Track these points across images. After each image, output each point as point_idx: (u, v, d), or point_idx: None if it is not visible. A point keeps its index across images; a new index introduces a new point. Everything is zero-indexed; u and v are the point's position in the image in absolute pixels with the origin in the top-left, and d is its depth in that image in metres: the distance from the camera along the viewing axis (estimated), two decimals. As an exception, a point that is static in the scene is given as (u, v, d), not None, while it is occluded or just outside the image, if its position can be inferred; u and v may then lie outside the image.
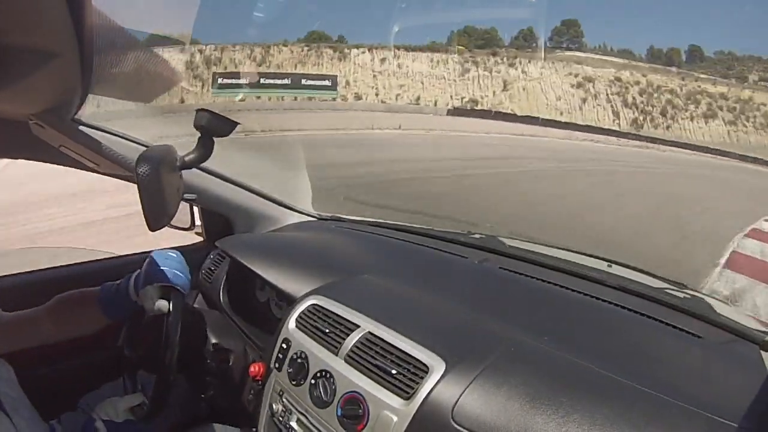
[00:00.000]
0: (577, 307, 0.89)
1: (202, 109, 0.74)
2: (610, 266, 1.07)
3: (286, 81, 25.24)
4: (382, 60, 29.27)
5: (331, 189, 5.48)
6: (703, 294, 0.97)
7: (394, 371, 0.70)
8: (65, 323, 0.91)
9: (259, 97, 24.53)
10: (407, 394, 0.66)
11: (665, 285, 0.98)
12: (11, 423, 0.71)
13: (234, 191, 1.34)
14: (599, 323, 0.84)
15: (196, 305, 1.31)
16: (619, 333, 0.80)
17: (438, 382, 0.65)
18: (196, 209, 1.37)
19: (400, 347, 0.73)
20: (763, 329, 0.81)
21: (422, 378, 0.67)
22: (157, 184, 0.64)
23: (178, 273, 0.92)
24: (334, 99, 25.92)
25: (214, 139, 0.75)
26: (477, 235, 1.30)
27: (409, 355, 0.71)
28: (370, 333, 0.78)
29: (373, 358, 0.73)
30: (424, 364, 0.68)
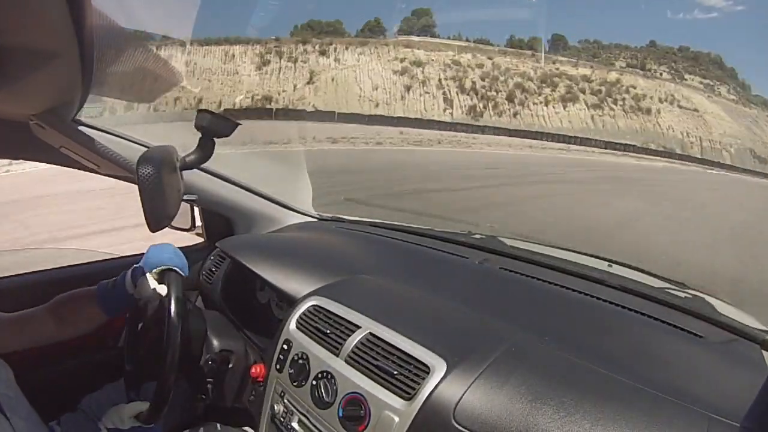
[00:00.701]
0: (577, 307, 0.88)
1: (203, 110, 0.74)
2: (611, 266, 1.07)
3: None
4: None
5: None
6: (704, 294, 0.97)
7: (395, 372, 0.70)
8: (66, 322, 0.92)
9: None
10: (408, 395, 0.66)
11: (666, 285, 0.98)
12: (9, 424, 0.71)
13: (234, 192, 1.34)
14: (600, 323, 0.84)
15: (197, 304, 1.31)
16: (620, 333, 0.80)
17: (439, 383, 0.65)
18: (196, 210, 1.37)
19: (401, 348, 0.73)
20: (764, 328, 0.81)
21: (423, 378, 0.67)
22: (158, 185, 0.64)
23: (174, 258, 0.92)
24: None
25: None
26: (477, 236, 1.30)
27: (410, 356, 0.71)
28: (370, 333, 0.78)
29: (374, 358, 0.73)
30: (425, 365, 0.68)
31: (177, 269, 0.90)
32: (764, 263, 6.12)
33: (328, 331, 0.82)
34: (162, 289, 0.87)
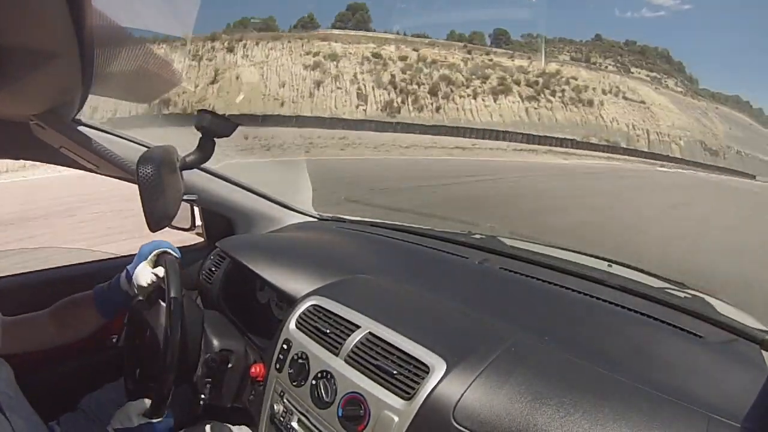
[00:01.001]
0: (577, 307, 0.88)
1: (203, 110, 0.74)
2: (611, 266, 1.07)
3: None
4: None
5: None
6: (704, 293, 0.97)
7: (394, 371, 0.70)
8: (65, 326, 0.93)
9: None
10: (408, 395, 0.66)
11: (666, 285, 0.98)
12: (8, 423, 0.71)
13: (234, 192, 1.34)
14: (600, 323, 0.84)
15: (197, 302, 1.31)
16: (620, 333, 0.80)
17: (439, 382, 0.65)
18: (196, 210, 1.37)
19: (400, 347, 0.73)
20: (764, 328, 0.81)
21: (423, 378, 0.67)
22: (158, 185, 0.64)
23: (168, 247, 0.94)
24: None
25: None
26: (477, 236, 1.30)
27: (410, 355, 0.71)
28: (370, 333, 0.78)
29: (374, 358, 0.73)
30: (425, 364, 0.68)
31: (171, 251, 0.91)
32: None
33: (328, 331, 0.82)
34: (159, 271, 0.88)
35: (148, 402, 0.83)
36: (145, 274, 0.92)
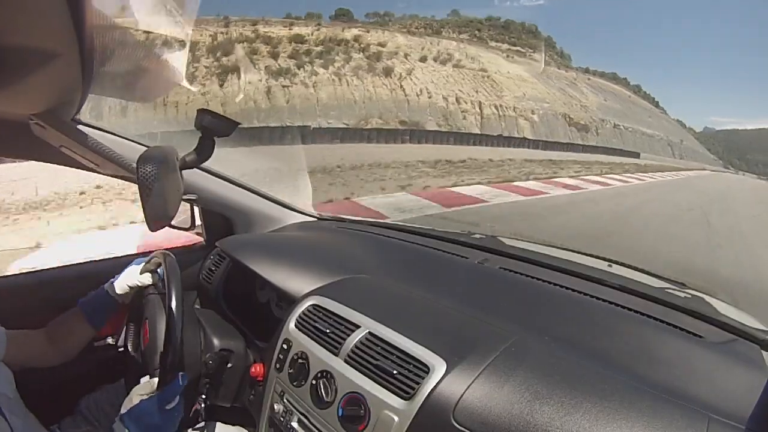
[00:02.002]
0: (577, 307, 0.88)
1: (203, 109, 0.74)
2: (611, 266, 1.08)
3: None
4: None
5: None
6: (704, 294, 0.97)
7: (394, 371, 0.70)
8: (59, 341, 0.96)
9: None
10: (408, 394, 0.66)
11: (666, 285, 0.98)
12: (8, 424, 0.71)
13: (234, 191, 1.34)
14: (600, 323, 0.84)
15: (196, 306, 1.31)
16: (620, 333, 0.80)
17: (439, 382, 0.65)
18: (196, 209, 1.37)
19: (400, 347, 0.73)
20: (764, 328, 0.81)
21: (423, 378, 0.67)
22: (158, 185, 0.64)
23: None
24: None
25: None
26: (477, 236, 1.30)
27: (410, 355, 0.71)
28: (370, 333, 0.78)
29: (374, 358, 0.73)
30: (425, 364, 0.68)
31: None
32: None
33: (328, 331, 0.82)
34: (146, 277, 0.96)
35: (152, 384, 0.82)
36: (131, 277, 0.98)
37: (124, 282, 1.00)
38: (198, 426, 0.98)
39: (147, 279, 0.99)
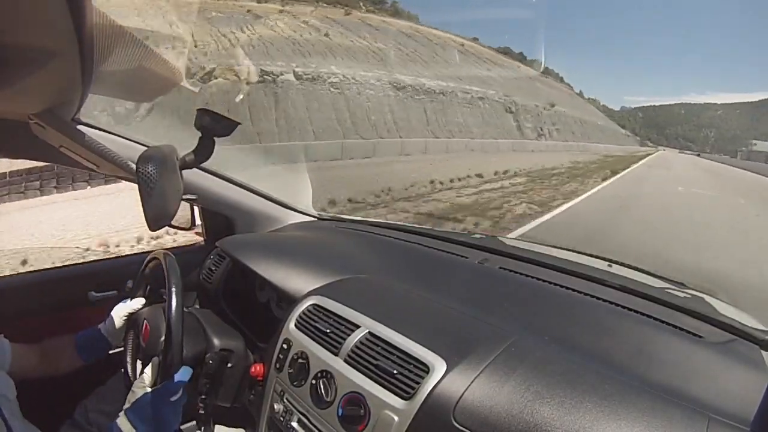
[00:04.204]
0: (577, 307, 0.88)
1: (203, 109, 0.74)
2: (611, 266, 1.07)
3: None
4: None
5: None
6: (704, 293, 0.97)
7: (394, 371, 0.70)
8: (47, 358, 0.96)
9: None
10: (408, 394, 0.66)
11: (666, 285, 0.98)
12: (7, 426, 0.71)
13: (234, 191, 1.34)
14: (600, 323, 0.84)
15: (196, 306, 1.31)
16: (620, 333, 0.80)
17: (439, 382, 0.65)
18: (196, 209, 1.37)
19: (400, 347, 0.73)
20: (764, 328, 0.81)
21: (423, 378, 0.67)
22: (158, 184, 0.64)
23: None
24: None
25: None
26: (477, 236, 1.31)
27: (410, 355, 0.71)
28: (370, 333, 0.78)
29: (374, 358, 0.73)
30: (425, 364, 0.68)
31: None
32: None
33: (328, 331, 0.82)
34: (136, 303, 1.00)
35: (147, 379, 0.81)
36: (122, 309, 1.00)
37: (117, 317, 1.01)
38: (198, 426, 0.98)
39: (138, 304, 1.01)
